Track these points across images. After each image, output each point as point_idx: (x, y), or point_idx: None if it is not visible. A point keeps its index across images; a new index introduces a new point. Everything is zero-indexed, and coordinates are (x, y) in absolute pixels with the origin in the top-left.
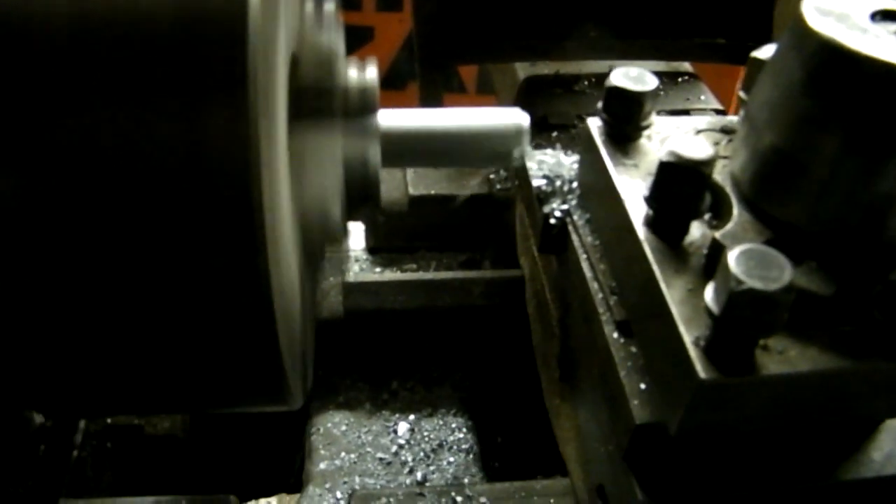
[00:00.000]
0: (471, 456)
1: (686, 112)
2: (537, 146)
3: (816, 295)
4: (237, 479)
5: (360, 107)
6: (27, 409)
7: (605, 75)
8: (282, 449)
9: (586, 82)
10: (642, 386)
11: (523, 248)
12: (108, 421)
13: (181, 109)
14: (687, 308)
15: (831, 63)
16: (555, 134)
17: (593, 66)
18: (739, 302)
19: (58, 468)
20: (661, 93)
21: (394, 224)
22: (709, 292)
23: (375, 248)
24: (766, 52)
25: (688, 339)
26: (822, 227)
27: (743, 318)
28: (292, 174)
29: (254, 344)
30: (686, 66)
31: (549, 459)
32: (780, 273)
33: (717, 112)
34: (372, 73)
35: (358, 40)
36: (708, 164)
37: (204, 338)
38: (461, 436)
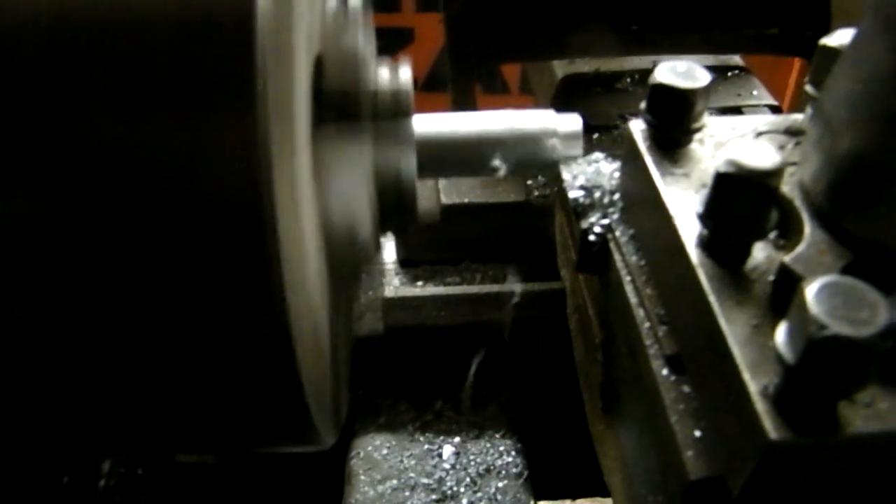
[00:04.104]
0: (520, 480)
1: (738, 109)
2: None
3: None
4: None
5: (392, 111)
6: (46, 451)
7: (649, 71)
8: (321, 474)
9: (629, 79)
10: (697, 433)
11: (564, 259)
12: None
13: (183, 118)
14: (752, 350)
15: None
16: (595, 136)
17: (636, 62)
18: (822, 351)
19: (83, 500)
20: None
21: (426, 235)
22: (781, 335)
23: (407, 261)
24: (839, 38)
25: (753, 388)
26: None
27: (825, 371)
28: (317, 185)
29: (271, 380)
30: (736, 59)
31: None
32: (873, 314)
33: (772, 109)
34: (405, 74)
35: (398, 42)
36: (775, 174)
37: (215, 374)
38: (510, 459)
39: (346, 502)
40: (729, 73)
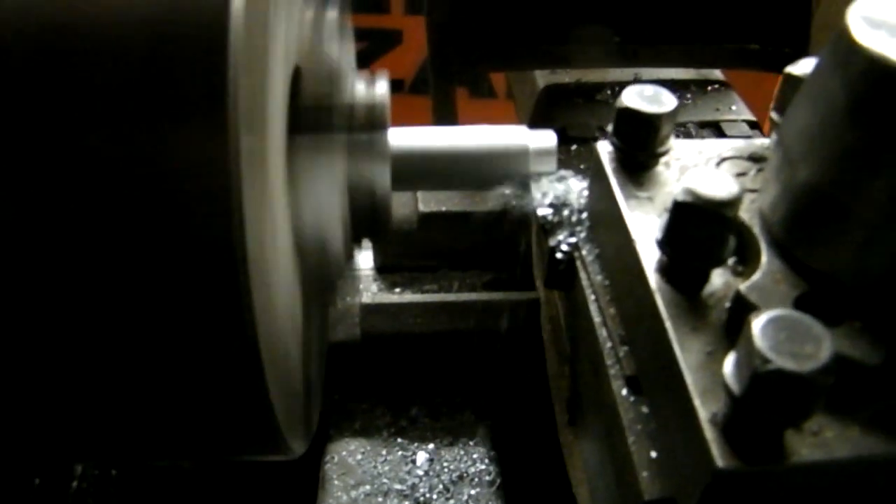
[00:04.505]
0: (493, 488)
1: (716, 124)
2: None
3: (860, 363)
4: None
5: (368, 124)
6: (17, 457)
7: (630, 83)
8: (294, 478)
9: (609, 91)
10: (653, 454)
11: (540, 270)
12: None
13: (153, 129)
14: (704, 377)
15: (883, 85)
16: (574, 147)
17: (617, 74)
18: (766, 384)
19: (55, 502)
20: (688, 102)
21: (403, 242)
22: (729, 366)
23: (384, 267)
24: (802, 67)
25: (703, 415)
26: (869, 281)
27: (769, 403)
28: (290, 196)
29: (239, 391)
30: (717, 73)
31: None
32: (817, 348)
33: (750, 124)
34: (382, 87)
35: (386, 44)
36: (732, 204)
37: (186, 386)
38: (483, 467)
39: None
40: (709, 88)
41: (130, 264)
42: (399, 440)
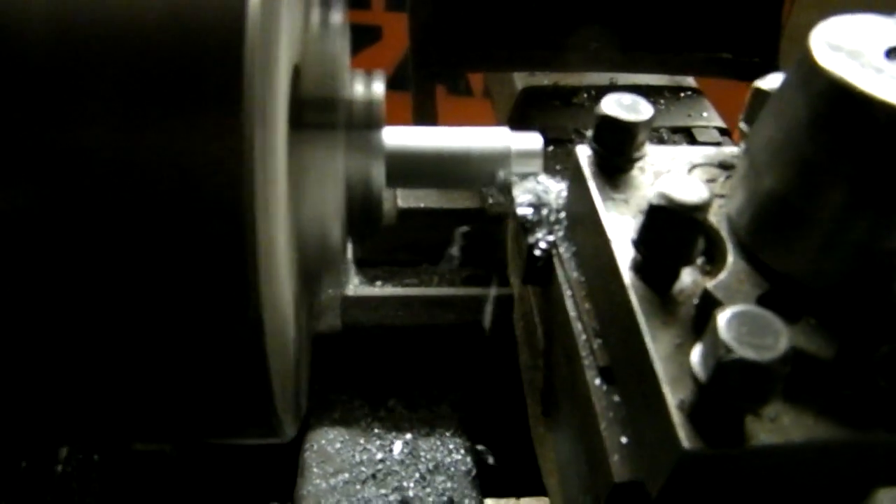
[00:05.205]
0: (468, 478)
1: (687, 130)
2: None
3: (815, 357)
4: (228, 496)
5: (365, 121)
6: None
7: (606, 88)
8: (275, 465)
9: (585, 95)
10: (624, 440)
11: (514, 267)
12: None
13: (172, 124)
14: (673, 366)
15: (840, 105)
16: (550, 149)
17: (594, 79)
18: (728, 372)
19: (41, 484)
20: (661, 108)
21: (382, 237)
22: (695, 355)
23: (363, 261)
24: (770, 81)
25: (671, 401)
26: (825, 282)
27: (731, 389)
28: (291, 189)
29: (241, 371)
30: (690, 80)
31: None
32: (775, 341)
33: (720, 130)
34: (379, 87)
35: (366, 40)
36: (701, 208)
37: (189, 366)
38: (458, 457)
39: (299, 494)
40: (682, 94)
41: (145, 250)
42: (377, 430)
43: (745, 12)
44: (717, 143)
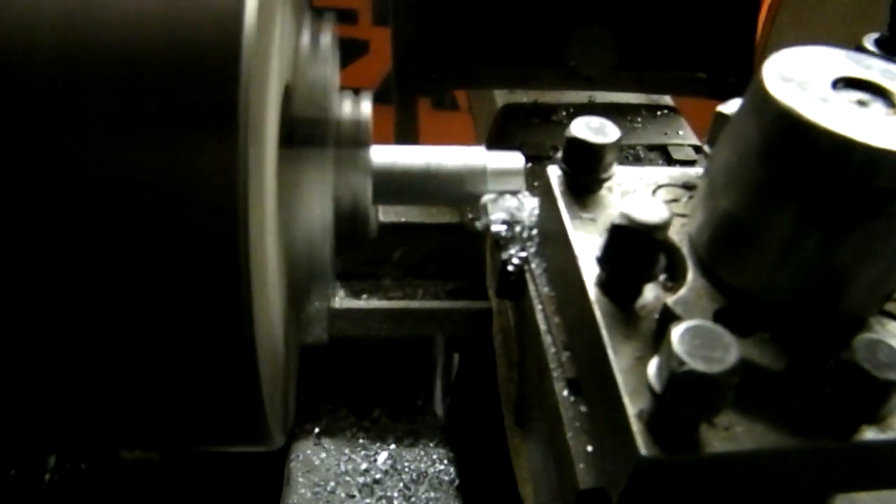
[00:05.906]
0: (451, 488)
1: (663, 147)
2: None
3: (767, 369)
4: None
5: (353, 140)
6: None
7: (585, 106)
8: (261, 475)
9: (564, 113)
10: (589, 448)
11: (492, 281)
12: None
13: (169, 141)
14: (633, 378)
15: (787, 133)
16: (528, 165)
17: (573, 97)
18: (680, 383)
19: (29, 492)
20: (638, 126)
21: (363, 250)
22: (652, 367)
23: (344, 273)
24: (731, 107)
25: (631, 411)
26: (777, 297)
27: (684, 399)
28: (281, 206)
29: (233, 383)
30: (667, 99)
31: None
32: (725, 354)
33: (695, 148)
34: (366, 107)
35: (353, 54)
36: (661, 228)
37: (181, 375)
38: (441, 467)
39: (284, 503)
40: (658, 113)
41: (139, 261)
42: (362, 440)
43: (720, 32)
44: (693, 162)
